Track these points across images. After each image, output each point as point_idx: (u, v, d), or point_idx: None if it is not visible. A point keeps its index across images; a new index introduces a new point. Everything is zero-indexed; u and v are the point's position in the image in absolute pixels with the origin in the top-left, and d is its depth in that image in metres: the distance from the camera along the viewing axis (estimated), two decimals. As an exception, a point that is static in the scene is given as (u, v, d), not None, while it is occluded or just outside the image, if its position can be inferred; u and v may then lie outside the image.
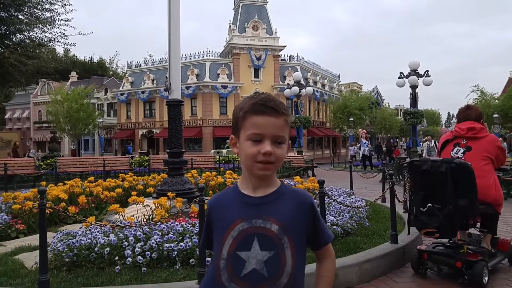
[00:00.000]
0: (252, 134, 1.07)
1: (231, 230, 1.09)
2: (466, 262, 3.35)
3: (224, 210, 1.13)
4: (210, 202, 1.20)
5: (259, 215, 1.09)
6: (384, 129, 44.03)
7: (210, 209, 1.18)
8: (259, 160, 1.06)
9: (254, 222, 1.08)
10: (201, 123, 34.97)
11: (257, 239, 1.07)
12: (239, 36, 35.24)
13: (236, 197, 1.14)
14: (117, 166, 13.94)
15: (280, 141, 1.09)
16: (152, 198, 5.32)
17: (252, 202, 1.11)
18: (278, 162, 1.09)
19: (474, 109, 3.92)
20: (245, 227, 1.08)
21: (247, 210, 1.10)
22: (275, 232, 1.07)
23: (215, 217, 1.15)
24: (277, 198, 1.12)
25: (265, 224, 1.08)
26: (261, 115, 1.07)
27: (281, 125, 1.09)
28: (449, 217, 3.23)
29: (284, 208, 1.10)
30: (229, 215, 1.11)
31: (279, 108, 1.09)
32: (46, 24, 14.69)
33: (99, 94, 43.98)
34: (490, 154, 3.62)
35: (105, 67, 62.66)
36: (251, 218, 1.09)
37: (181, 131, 5.63)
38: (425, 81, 14.10)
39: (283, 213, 1.09)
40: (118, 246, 3.40)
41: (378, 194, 9.02)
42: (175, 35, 5.55)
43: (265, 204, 1.10)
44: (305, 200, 1.14)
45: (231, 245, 1.08)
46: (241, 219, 1.09)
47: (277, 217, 1.08)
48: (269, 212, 1.09)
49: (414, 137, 14.80)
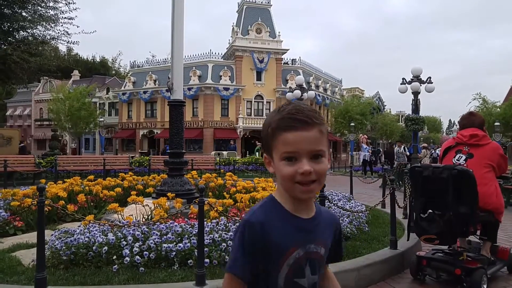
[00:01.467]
0: (285, 153, 0.95)
1: (286, 258, 0.98)
2: (465, 269, 3.34)
3: (272, 233, 0.97)
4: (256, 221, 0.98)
5: (312, 239, 1.03)
6: (385, 135, 44.00)
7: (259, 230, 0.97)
8: (298, 181, 0.94)
9: (308, 248, 1.02)
10: (202, 124, 34.97)
11: (308, 264, 1.02)
12: (242, 38, 35.30)
13: (285, 218, 1.00)
14: (117, 165, 13.92)
15: (319, 155, 0.96)
16: (152, 198, 5.31)
17: (305, 226, 1.02)
18: (321, 178, 0.97)
19: (477, 116, 3.92)
20: (301, 254, 1.00)
21: (301, 235, 1.01)
22: (322, 255, 1.05)
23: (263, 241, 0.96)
24: (319, 219, 1.06)
25: (316, 248, 1.03)
26: (291, 131, 0.94)
27: (317, 137, 0.96)
28: (449, 224, 3.22)
29: (326, 229, 1.07)
30: (281, 240, 0.98)
31: (311, 118, 0.96)
32: (50, 22, 14.73)
33: (101, 93, 44.03)
34: (492, 162, 3.61)
35: (108, 67, 62.78)
36: (305, 243, 1.01)
37: (182, 131, 5.62)
38: (427, 88, 14.07)
39: (325, 233, 1.07)
40: (116, 245, 3.39)
41: (377, 199, 8.99)
42: (179, 36, 5.56)
43: (315, 226, 1.04)
44: (337, 221, 1.15)
45: (288, 273, 0.99)
46: (296, 247, 1.00)
47: (323, 238, 1.06)
48: (318, 235, 1.04)
49: (415, 144, 14.75)
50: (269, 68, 35.86)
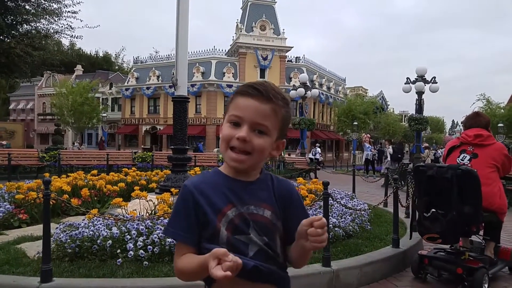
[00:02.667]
0: (232, 116, 1.00)
1: (223, 216, 1.01)
2: (467, 268, 3.35)
3: (209, 195, 1.02)
4: (192, 184, 1.04)
5: (250, 201, 1.03)
6: (388, 134, 43.89)
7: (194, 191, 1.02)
8: (232, 145, 0.99)
9: (246, 209, 1.02)
10: (205, 121, 34.99)
11: (252, 225, 1.02)
12: (246, 35, 35.24)
13: (222, 180, 1.05)
14: (120, 160, 13.98)
15: (261, 130, 0.99)
16: (155, 194, 5.33)
17: (240, 187, 1.04)
18: (256, 154, 0.99)
19: (483, 117, 3.91)
20: (237, 212, 1.02)
21: (238, 196, 1.03)
22: (269, 218, 1.04)
23: (200, 202, 1.02)
24: (263, 184, 1.07)
25: (257, 210, 1.03)
26: (244, 96, 1.00)
27: (266, 112, 0.99)
28: (452, 223, 3.22)
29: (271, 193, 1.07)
30: (217, 199, 1.02)
31: (268, 93, 0.99)
32: (53, 15, 14.74)
33: (104, 89, 44.09)
34: (496, 162, 3.62)
35: (111, 62, 62.81)
36: (242, 204, 1.03)
37: (186, 128, 5.63)
38: (431, 88, 14.05)
39: (271, 198, 1.06)
40: (120, 239, 3.41)
41: (379, 198, 9.01)
42: (183, 31, 5.56)
43: (254, 190, 1.05)
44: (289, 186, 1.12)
45: (227, 230, 1.00)
46: (232, 205, 1.02)
47: (268, 203, 1.05)
48: (259, 198, 1.04)
49: (418, 143, 14.74)
50: (272, 65, 35.79)
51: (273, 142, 1.03)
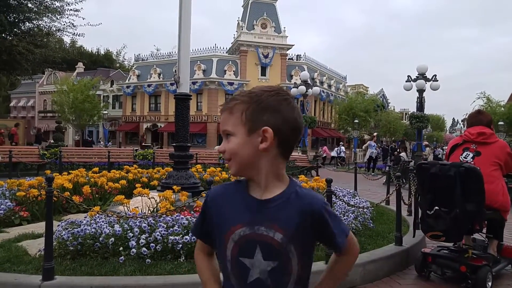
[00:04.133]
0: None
1: (231, 233, 1.00)
2: (471, 266, 3.34)
3: (224, 208, 1.04)
4: (211, 193, 1.10)
5: (262, 222, 0.98)
6: (389, 132, 43.85)
7: (210, 201, 1.08)
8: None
9: (257, 229, 0.98)
10: (206, 119, 34.98)
11: (259, 247, 0.98)
12: (247, 33, 35.16)
13: (239, 195, 1.04)
14: (122, 158, 13.98)
15: (227, 134, 1.01)
16: (157, 191, 5.32)
17: (255, 206, 1.00)
18: (234, 157, 0.99)
19: (485, 115, 3.90)
20: (247, 233, 0.99)
21: (251, 215, 1.00)
22: (278, 241, 0.97)
23: (214, 213, 1.04)
24: (282, 202, 0.99)
25: (268, 232, 0.97)
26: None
27: (225, 118, 1.02)
28: (456, 221, 3.21)
29: (288, 214, 0.98)
30: (229, 215, 1.02)
31: (225, 104, 1.04)
32: (55, 13, 14.72)
33: (105, 86, 44.06)
34: (499, 160, 3.60)
35: (112, 59, 62.78)
36: (253, 224, 0.99)
37: (188, 125, 5.62)
38: (432, 86, 14.03)
39: (286, 220, 0.98)
40: (122, 236, 3.40)
41: (381, 196, 8.99)
42: (185, 29, 5.54)
43: (269, 209, 0.99)
44: (312, 207, 1.00)
45: (233, 250, 1.00)
46: (242, 224, 0.99)
47: (281, 225, 0.97)
48: (272, 219, 0.98)
49: (419, 141, 14.73)
50: (273, 63, 35.73)
51: (244, 137, 0.98)
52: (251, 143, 0.98)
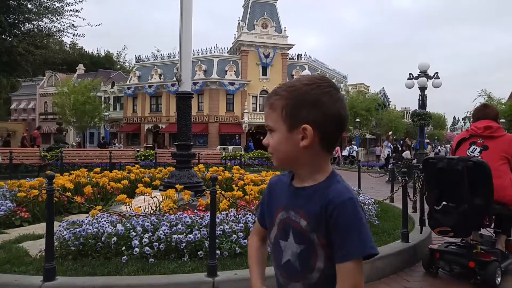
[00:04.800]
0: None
1: (275, 218, 1.08)
2: (480, 262, 3.29)
3: (275, 194, 1.12)
4: (270, 181, 1.19)
5: (293, 207, 1.03)
6: (390, 131, 43.77)
7: (268, 188, 1.18)
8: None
9: (289, 213, 1.04)
10: (207, 119, 34.95)
11: (291, 231, 1.03)
12: (248, 33, 35.14)
13: (286, 182, 1.10)
14: (123, 158, 13.93)
15: (270, 129, 1.03)
16: (159, 191, 5.28)
17: (291, 192, 1.06)
18: (275, 152, 1.03)
19: (491, 108, 3.84)
20: (284, 216, 1.05)
21: (288, 200, 1.06)
22: (304, 228, 0.99)
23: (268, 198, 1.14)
24: (312, 191, 1.00)
25: (295, 217, 1.02)
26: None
27: (266, 113, 1.04)
28: (464, 216, 3.15)
29: (312, 203, 0.98)
30: (276, 200, 1.10)
31: (268, 97, 1.04)
32: (55, 14, 14.70)
33: (106, 88, 44.08)
34: (507, 154, 3.54)
35: (113, 61, 62.80)
36: (288, 209, 1.05)
37: (190, 124, 5.58)
38: (434, 83, 13.92)
39: (309, 209, 0.99)
40: (125, 236, 3.35)
41: (384, 194, 8.93)
42: (187, 27, 5.50)
43: (300, 196, 1.03)
44: (330, 201, 0.94)
45: (276, 232, 1.07)
46: (282, 208, 1.06)
47: (305, 212, 0.99)
48: (300, 205, 1.02)
49: (421, 139, 14.64)
50: (274, 63, 35.70)
51: (284, 133, 0.98)
52: (292, 140, 0.98)
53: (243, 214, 3.85)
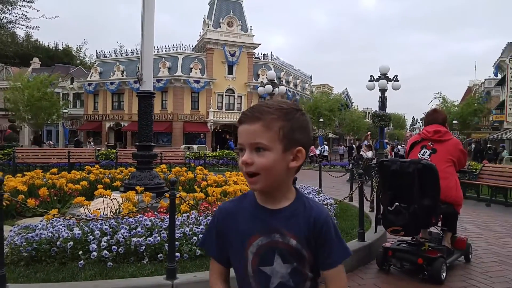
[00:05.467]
0: (238, 144, 1.05)
1: (249, 246, 1.05)
2: (427, 258, 3.50)
3: (240, 222, 1.07)
4: (221, 211, 1.13)
5: (277, 229, 1.04)
6: (352, 131, 45.13)
7: (222, 217, 1.11)
8: (244, 171, 1.01)
9: (273, 237, 1.04)
10: (171, 117, 34.37)
11: (277, 253, 1.04)
12: (214, 31, 34.90)
13: (250, 207, 1.08)
14: (83, 158, 13.41)
15: (259, 147, 0.99)
16: (119, 192, 5.17)
17: (269, 215, 1.06)
18: (265, 173, 0.99)
19: (440, 113, 4.09)
20: (264, 242, 1.05)
21: (264, 224, 1.05)
22: (293, 247, 1.04)
23: (228, 229, 1.09)
24: (291, 212, 1.06)
25: (283, 239, 1.04)
26: (239, 124, 1.04)
27: (257, 131, 0.99)
28: (414, 216, 3.35)
29: (297, 224, 1.05)
30: (245, 229, 1.06)
31: (255, 113, 1.01)
32: (6, 4, 13.89)
33: (65, 83, 42.16)
34: (453, 157, 3.79)
35: (72, 55, 60.07)
36: (269, 232, 1.05)
37: (151, 124, 5.49)
38: (394, 85, 14.52)
39: (297, 229, 1.05)
40: (82, 240, 3.26)
41: (345, 193, 9.20)
42: (149, 24, 5.40)
43: (281, 218, 1.05)
44: (315, 218, 1.05)
45: (253, 261, 1.05)
46: (257, 234, 1.05)
47: (293, 233, 1.04)
48: (286, 227, 1.04)
49: (381, 139, 15.22)
50: (240, 62, 35.71)
51: (280, 154, 1.00)
52: (284, 160, 1.01)
53: (204, 216, 3.86)
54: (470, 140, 37.20)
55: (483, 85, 43.65)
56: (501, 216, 7.31)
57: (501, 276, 3.75)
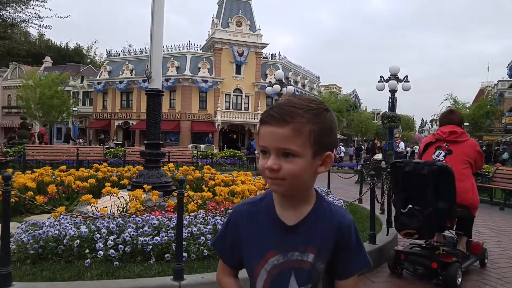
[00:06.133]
0: (260, 146, 0.95)
1: (264, 263, 0.96)
2: (442, 263, 3.39)
3: (255, 231, 0.99)
4: (237, 212, 1.03)
5: (296, 247, 0.96)
6: (361, 132, 44.80)
7: (238, 221, 1.02)
8: (267, 176, 0.92)
9: (291, 256, 0.96)
10: (179, 116, 34.46)
11: (294, 274, 0.96)
12: (222, 30, 34.91)
13: (267, 216, 0.99)
14: (91, 156, 13.48)
15: (288, 153, 0.90)
16: (127, 190, 5.13)
17: (287, 231, 0.97)
18: (292, 179, 0.90)
19: (456, 114, 3.98)
20: (281, 261, 0.96)
21: (283, 240, 0.96)
22: (311, 262, 0.96)
23: (246, 234, 1.00)
24: (312, 220, 0.98)
25: (302, 256, 0.96)
26: (263, 125, 0.93)
27: (287, 135, 0.89)
28: (428, 219, 3.24)
29: (320, 231, 0.98)
30: (261, 241, 0.97)
31: (284, 115, 0.90)
32: (20, 3, 14.04)
33: (75, 82, 42.57)
34: (469, 158, 3.67)
35: (82, 54, 60.67)
36: (287, 250, 0.96)
37: (159, 122, 5.46)
38: (404, 86, 14.32)
39: (318, 238, 0.97)
40: (89, 238, 3.22)
41: (353, 194, 9.10)
42: (159, 22, 5.37)
43: (302, 232, 0.97)
44: (341, 224, 0.99)
45: (266, 281, 0.96)
46: (275, 251, 0.96)
47: (314, 244, 0.96)
48: (306, 241, 0.96)
49: (390, 141, 15.02)
50: (248, 61, 35.67)
51: (310, 160, 0.92)
52: (313, 166, 0.94)
53: (212, 216, 3.80)
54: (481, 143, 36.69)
55: (496, 86, 42.99)
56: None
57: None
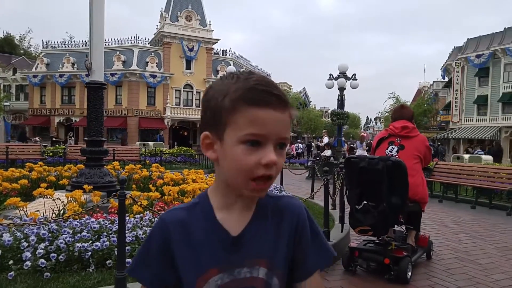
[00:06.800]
0: (250, 135, 0.70)
1: (204, 283, 0.75)
2: (394, 258, 3.41)
3: (190, 245, 0.77)
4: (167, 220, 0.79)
5: (243, 261, 0.76)
6: (310, 129, 45.94)
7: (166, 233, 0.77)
8: (258, 175, 0.70)
9: (237, 273, 0.76)
10: (126, 113, 32.94)
11: None
12: (171, 24, 33.86)
13: (207, 226, 0.77)
14: (26, 154, 12.34)
15: (284, 144, 0.74)
16: (66, 191, 4.68)
17: (232, 241, 0.77)
18: (276, 175, 0.75)
19: (407, 109, 4.05)
20: (226, 281, 0.75)
21: (226, 254, 0.76)
22: (264, 279, 0.77)
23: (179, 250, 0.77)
24: (259, 224, 0.79)
25: (252, 272, 0.76)
26: (264, 107, 0.70)
27: (288, 122, 0.74)
28: (383, 215, 3.23)
29: (269, 235, 0.79)
30: (199, 255, 0.76)
31: (285, 96, 0.74)
32: None
33: (6, 74, 39.10)
34: (420, 153, 3.75)
35: (14, 45, 55.67)
36: (232, 267, 0.76)
37: (102, 117, 5.05)
38: (352, 84, 14.77)
39: (269, 245, 0.78)
40: (14, 247, 2.82)
41: (305, 190, 9.18)
42: (99, 9, 4.92)
43: (247, 242, 0.77)
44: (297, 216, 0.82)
45: None
46: (217, 269, 0.75)
47: (265, 255, 0.78)
48: (254, 252, 0.77)
49: (339, 137, 15.44)
50: (199, 57, 34.96)
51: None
52: None
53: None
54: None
55: (432, 87, 46.21)
56: (453, 212, 7.58)
57: (462, 273, 3.77)
